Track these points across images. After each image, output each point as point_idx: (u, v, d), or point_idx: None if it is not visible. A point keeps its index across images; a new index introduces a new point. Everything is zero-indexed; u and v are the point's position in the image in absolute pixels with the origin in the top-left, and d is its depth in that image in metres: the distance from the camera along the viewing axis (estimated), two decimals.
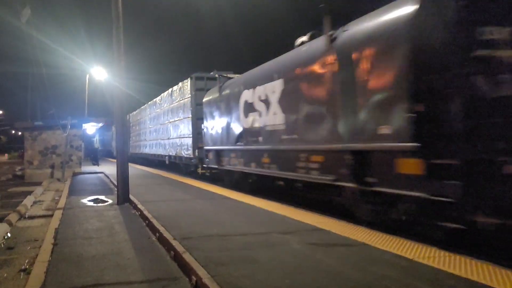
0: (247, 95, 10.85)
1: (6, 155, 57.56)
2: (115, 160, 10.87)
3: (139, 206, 8.56)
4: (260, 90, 10.01)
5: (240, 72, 13.94)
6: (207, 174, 15.31)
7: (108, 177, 16.97)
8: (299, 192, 9.35)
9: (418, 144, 5.23)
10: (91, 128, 26.39)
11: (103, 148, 44.31)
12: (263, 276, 3.95)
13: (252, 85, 10.59)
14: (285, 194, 10.09)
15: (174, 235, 5.74)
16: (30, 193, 12.72)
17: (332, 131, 7.18)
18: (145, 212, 7.76)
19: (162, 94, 21.84)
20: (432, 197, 5.13)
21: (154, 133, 23.88)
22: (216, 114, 13.37)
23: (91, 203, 10.12)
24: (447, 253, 4.58)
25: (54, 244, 5.83)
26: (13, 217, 8.43)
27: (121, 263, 4.92)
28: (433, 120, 5.26)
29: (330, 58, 7.15)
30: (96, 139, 29.61)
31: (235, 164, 11.77)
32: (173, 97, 19.31)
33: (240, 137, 11.36)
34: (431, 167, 5.17)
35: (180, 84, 18.08)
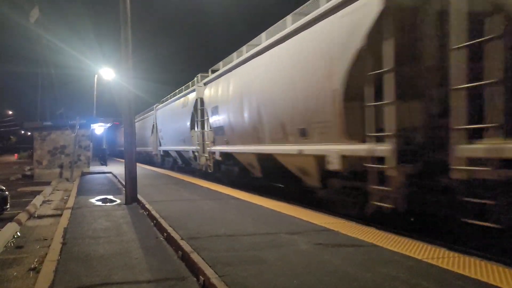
0: None
1: (16, 155, 58.17)
2: (123, 160, 10.91)
3: (147, 206, 8.59)
4: None
5: None
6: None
7: (116, 177, 17.05)
8: None
9: None
10: (99, 128, 26.51)
11: (110, 148, 44.04)
12: (271, 277, 3.94)
13: None
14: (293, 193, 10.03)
15: (181, 235, 5.75)
16: (39, 192, 12.83)
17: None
18: (153, 212, 7.78)
19: None
20: None
21: None
22: None
23: (100, 203, 10.17)
24: (456, 254, 4.55)
25: (63, 244, 5.86)
26: (22, 216, 8.51)
27: (129, 262, 4.94)
28: None
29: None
30: (104, 140, 29.55)
31: None
32: None
33: None
34: None
35: None
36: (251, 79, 11.05)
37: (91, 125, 22.39)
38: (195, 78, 17.47)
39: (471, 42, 4.78)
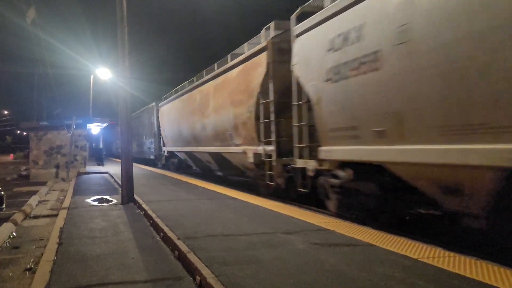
0: None
1: (12, 155, 57.96)
2: (119, 160, 10.89)
3: (144, 205, 8.58)
4: None
5: None
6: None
7: (112, 177, 17.02)
8: None
9: None
10: (96, 128, 26.43)
11: (106, 148, 43.92)
12: (267, 276, 3.95)
13: None
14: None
15: (178, 234, 5.75)
16: (35, 192, 12.79)
17: None
18: (149, 212, 7.78)
19: None
20: None
21: None
22: None
23: (96, 203, 10.16)
24: (452, 254, 4.57)
25: (59, 244, 5.85)
26: (18, 216, 8.48)
27: (126, 262, 4.93)
28: None
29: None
30: (101, 140, 29.47)
31: None
32: None
33: None
34: None
35: None
36: (201, 98, 15.37)
37: (88, 125, 22.34)
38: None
39: (297, 103, 8.37)
